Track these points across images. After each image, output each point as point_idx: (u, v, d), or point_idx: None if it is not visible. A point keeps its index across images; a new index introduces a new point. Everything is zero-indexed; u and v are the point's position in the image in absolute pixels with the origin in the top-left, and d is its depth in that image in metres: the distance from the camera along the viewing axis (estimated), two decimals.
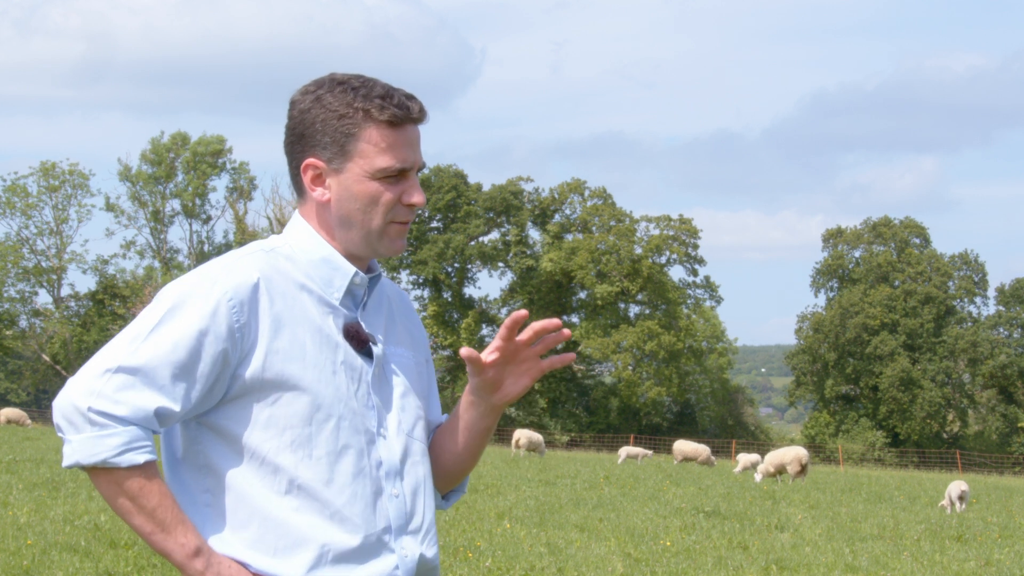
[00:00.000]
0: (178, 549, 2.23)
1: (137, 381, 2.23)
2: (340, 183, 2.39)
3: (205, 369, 2.27)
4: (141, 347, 2.25)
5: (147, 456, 2.23)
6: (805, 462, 26.50)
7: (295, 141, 2.42)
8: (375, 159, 2.37)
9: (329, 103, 2.38)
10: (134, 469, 2.22)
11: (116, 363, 2.23)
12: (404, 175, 2.41)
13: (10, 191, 62.36)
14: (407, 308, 2.63)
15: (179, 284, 2.31)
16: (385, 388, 2.45)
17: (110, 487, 2.24)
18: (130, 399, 2.22)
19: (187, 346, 2.25)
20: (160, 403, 2.24)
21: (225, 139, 66.50)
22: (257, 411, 2.31)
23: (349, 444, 2.34)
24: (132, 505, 2.23)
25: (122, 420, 2.21)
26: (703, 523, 15.45)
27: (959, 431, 63.37)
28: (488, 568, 10.44)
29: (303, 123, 2.40)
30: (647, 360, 63.66)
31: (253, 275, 2.33)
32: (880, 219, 68.03)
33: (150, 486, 2.23)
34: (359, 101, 2.37)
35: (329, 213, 2.42)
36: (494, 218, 66.37)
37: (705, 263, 67.16)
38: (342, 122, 2.37)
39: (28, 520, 11.91)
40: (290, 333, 2.33)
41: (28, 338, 63.41)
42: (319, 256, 2.42)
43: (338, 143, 2.37)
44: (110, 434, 2.21)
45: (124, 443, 2.21)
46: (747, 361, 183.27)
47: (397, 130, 2.39)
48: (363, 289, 2.47)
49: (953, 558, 13.01)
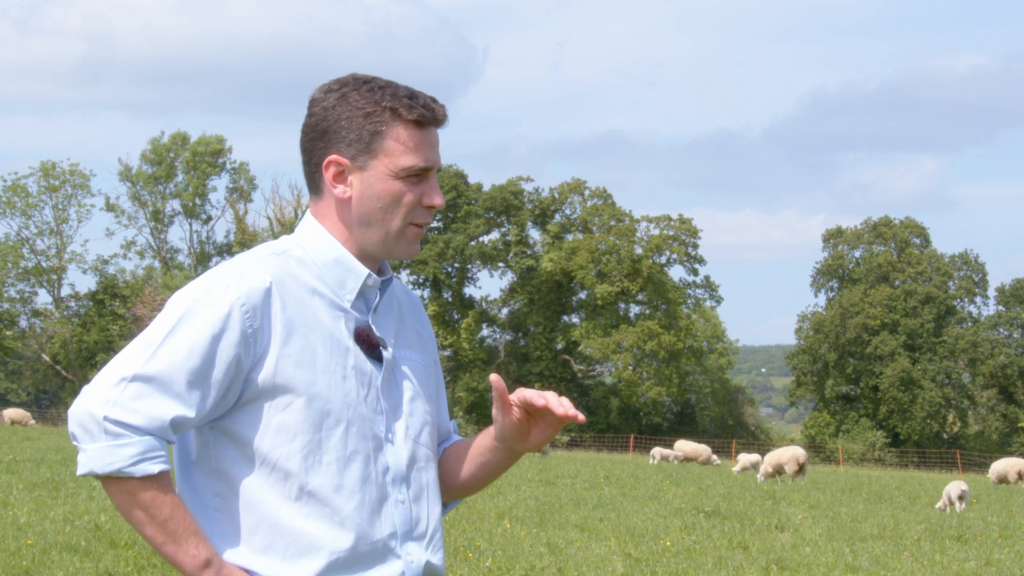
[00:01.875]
0: (189, 561, 2.23)
1: (153, 389, 2.22)
2: (363, 181, 2.39)
3: (219, 375, 2.26)
4: (156, 355, 2.24)
5: (161, 466, 2.22)
6: (803, 461, 26.53)
7: (317, 138, 2.41)
8: (400, 158, 2.37)
9: (355, 101, 2.38)
10: (148, 479, 2.22)
11: (131, 371, 2.22)
12: (426, 175, 2.41)
13: (10, 191, 62.37)
14: (417, 309, 2.63)
15: (191, 290, 2.31)
16: (394, 393, 2.44)
17: (123, 497, 2.23)
18: (146, 408, 2.21)
19: (201, 352, 2.25)
20: (176, 411, 2.23)
21: (225, 139, 66.57)
22: (268, 416, 2.30)
23: (357, 450, 2.34)
24: (145, 516, 2.23)
25: (137, 429, 2.21)
26: (703, 523, 15.46)
27: (959, 431, 63.37)
28: (488, 568, 10.44)
29: (327, 119, 2.39)
30: (647, 360, 63.65)
31: (265, 279, 2.32)
32: (880, 219, 68.05)
33: (163, 497, 2.23)
34: (387, 100, 2.38)
35: (349, 211, 2.41)
36: (494, 218, 66.37)
37: (705, 263, 67.26)
38: (369, 120, 2.37)
39: (28, 520, 11.92)
40: (301, 338, 2.33)
41: (28, 338, 63.42)
42: (332, 257, 2.41)
43: (364, 140, 2.37)
44: (125, 444, 2.20)
45: (139, 453, 2.20)
46: (747, 361, 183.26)
47: (422, 131, 2.40)
48: (375, 291, 2.46)
49: (953, 558, 13.00)
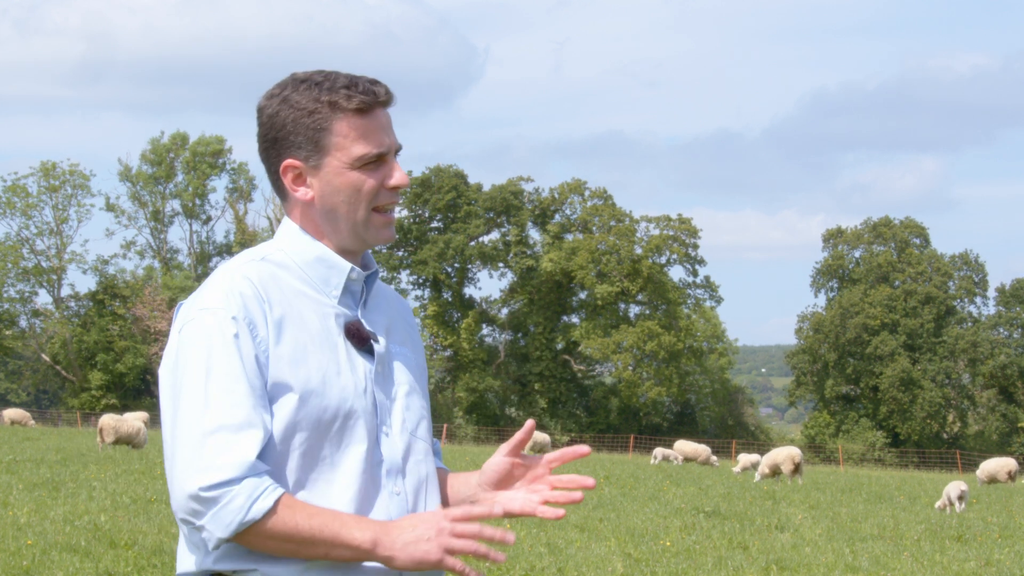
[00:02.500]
0: (362, 549, 2.21)
1: (224, 438, 2.21)
2: (321, 179, 2.39)
3: (259, 386, 2.27)
4: (208, 408, 2.23)
5: (274, 495, 2.20)
6: (798, 461, 26.55)
7: (269, 146, 2.42)
8: (351, 148, 2.37)
9: (296, 102, 2.38)
10: (270, 514, 2.19)
11: (198, 434, 2.21)
12: (383, 159, 2.41)
13: (10, 191, 62.40)
14: (407, 313, 2.64)
15: (195, 332, 2.29)
16: (388, 386, 2.45)
17: (266, 542, 2.22)
18: (228, 459, 2.19)
19: (238, 379, 2.24)
20: (253, 443, 2.22)
21: (225, 139, 66.68)
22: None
23: (352, 443, 2.35)
24: (295, 545, 2.22)
25: (232, 481, 2.19)
26: (703, 523, 15.46)
27: (959, 431, 63.38)
28: (488, 568, 10.43)
29: (274, 127, 2.40)
30: (647, 360, 63.66)
31: (250, 288, 2.33)
32: (880, 219, 68.06)
33: (293, 517, 2.20)
34: (325, 95, 2.37)
35: (314, 211, 2.42)
36: (494, 218, 66.37)
37: (705, 263, 67.25)
38: (312, 118, 2.37)
39: (28, 520, 11.92)
40: (291, 338, 2.34)
41: (28, 338, 63.44)
42: (313, 256, 2.42)
43: (312, 140, 2.37)
44: (230, 499, 2.18)
45: (247, 498, 2.18)
46: (747, 361, 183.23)
47: (367, 116, 2.39)
48: (360, 285, 2.47)
49: (953, 558, 13.01)
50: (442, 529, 2.21)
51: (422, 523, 2.23)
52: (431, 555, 2.20)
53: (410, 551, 2.20)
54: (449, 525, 2.22)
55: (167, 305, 60.06)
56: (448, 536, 2.21)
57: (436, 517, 2.24)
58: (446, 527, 2.22)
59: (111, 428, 26.43)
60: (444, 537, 2.21)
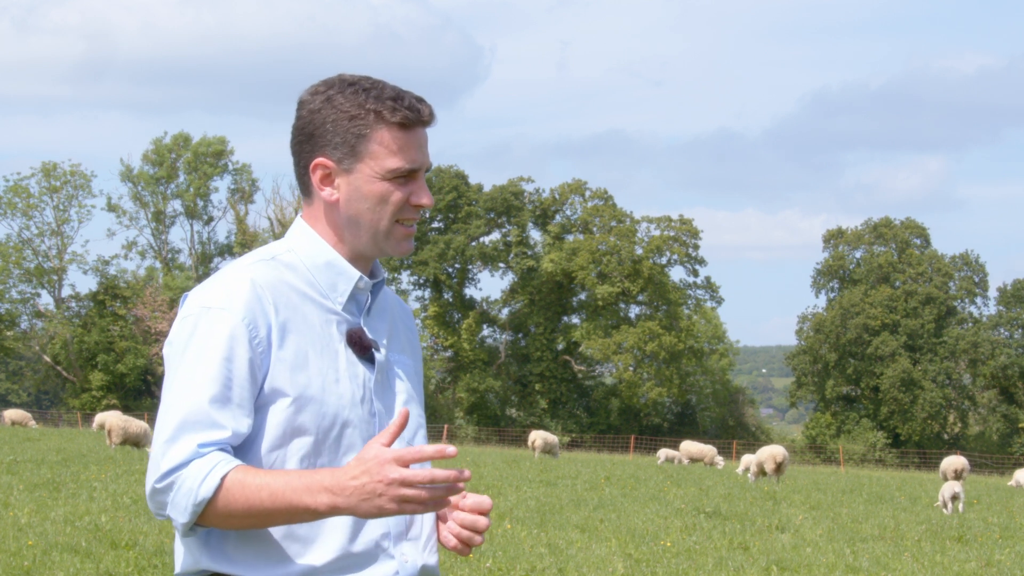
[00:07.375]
0: (320, 512, 2.21)
1: (184, 435, 2.23)
2: (350, 183, 2.40)
3: (240, 392, 2.28)
4: (177, 406, 2.25)
5: (221, 471, 2.21)
6: (780, 460, 26.58)
7: (304, 141, 2.43)
8: (386, 160, 2.38)
9: (340, 104, 2.39)
10: (220, 491, 2.20)
11: (165, 434, 2.24)
12: (413, 176, 2.42)
13: (11, 192, 62.42)
14: (408, 319, 2.64)
15: (188, 328, 2.31)
16: (387, 395, 2.45)
17: (227, 520, 2.24)
18: (178, 449, 2.22)
19: (215, 381, 2.26)
20: (205, 438, 2.23)
21: (227, 140, 66.71)
22: (262, 420, 2.31)
23: (350, 451, 2.35)
24: (256, 519, 2.23)
25: (180, 466, 2.22)
26: (704, 524, 15.46)
27: (960, 432, 63.38)
28: (489, 569, 10.44)
29: (313, 123, 2.41)
30: (648, 361, 63.69)
31: (256, 290, 2.34)
32: (881, 219, 68.08)
33: (244, 492, 2.20)
34: (371, 102, 2.38)
35: (337, 213, 2.42)
36: (495, 219, 66.40)
37: (706, 263, 67.30)
38: (353, 123, 2.38)
39: (29, 521, 11.92)
40: (294, 343, 2.34)
41: (29, 339, 63.41)
42: (323, 261, 2.43)
43: (348, 143, 2.38)
44: (180, 483, 2.21)
45: (195, 479, 2.20)
46: (748, 362, 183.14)
47: (408, 132, 2.40)
48: (366, 294, 2.48)
49: (954, 559, 13.01)
50: (392, 481, 2.15)
51: (366, 475, 2.16)
52: (387, 508, 2.17)
53: (365, 508, 2.17)
54: (398, 475, 2.15)
55: (168, 306, 60.08)
56: (399, 487, 2.16)
57: (382, 466, 2.16)
58: (395, 477, 2.16)
59: (119, 428, 26.37)
60: (395, 489, 2.15)
